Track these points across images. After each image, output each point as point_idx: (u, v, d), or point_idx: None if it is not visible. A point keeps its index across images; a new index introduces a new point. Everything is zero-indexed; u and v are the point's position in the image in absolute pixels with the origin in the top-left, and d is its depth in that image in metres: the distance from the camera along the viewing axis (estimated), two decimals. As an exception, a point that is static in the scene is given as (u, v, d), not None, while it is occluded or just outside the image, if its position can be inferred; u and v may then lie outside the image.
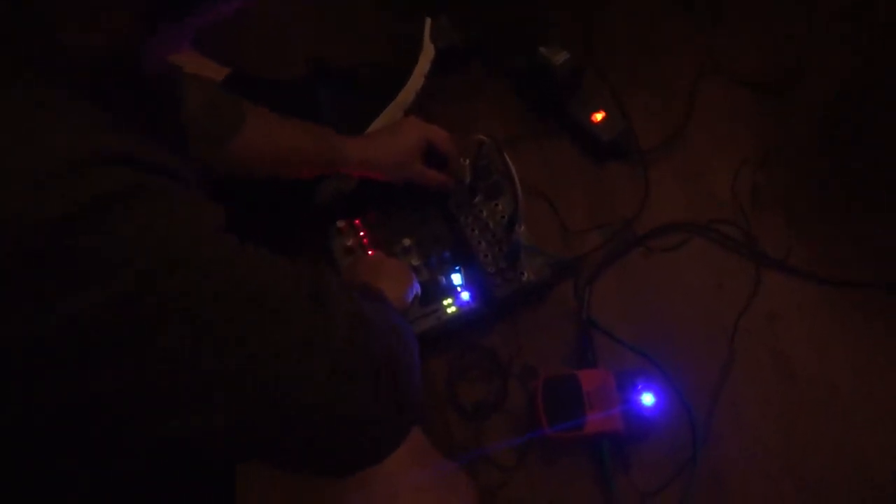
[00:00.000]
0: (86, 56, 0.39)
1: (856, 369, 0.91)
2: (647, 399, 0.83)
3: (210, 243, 0.40)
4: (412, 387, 0.53)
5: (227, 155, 0.79)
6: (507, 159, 0.80)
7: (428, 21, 1.02)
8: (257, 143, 0.81)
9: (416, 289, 0.82)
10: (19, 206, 0.32)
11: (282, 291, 0.44)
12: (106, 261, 0.34)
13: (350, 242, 0.93)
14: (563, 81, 1.04)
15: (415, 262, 0.92)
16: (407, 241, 0.93)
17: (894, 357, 0.91)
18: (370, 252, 0.93)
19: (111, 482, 0.52)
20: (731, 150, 1.07)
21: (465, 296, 0.91)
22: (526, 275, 0.90)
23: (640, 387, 0.84)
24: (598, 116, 1.05)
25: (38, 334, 0.34)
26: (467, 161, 0.95)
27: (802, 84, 1.13)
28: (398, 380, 0.50)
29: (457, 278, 0.92)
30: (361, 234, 0.95)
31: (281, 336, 0.42)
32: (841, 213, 1.02)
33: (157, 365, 0.37)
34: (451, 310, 0.90)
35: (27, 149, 0.33)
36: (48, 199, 0.33)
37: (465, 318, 0.90)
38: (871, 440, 0.86)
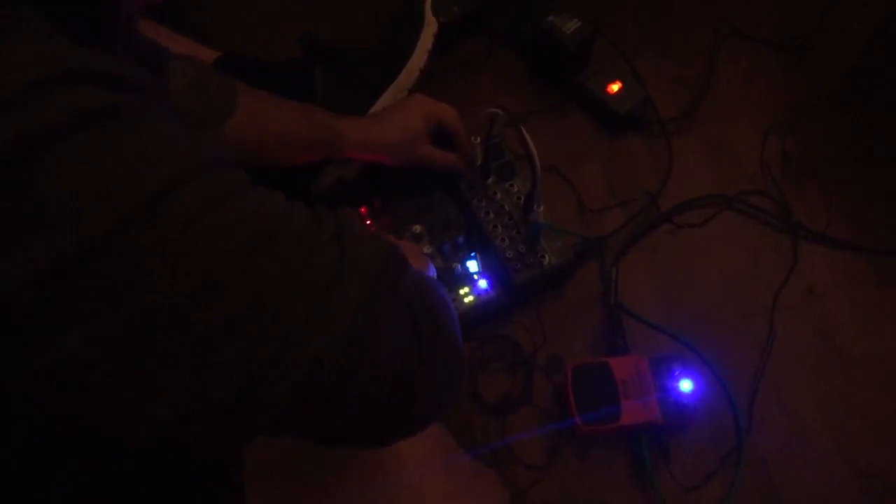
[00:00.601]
0: None
1: (907, 343, 0.84)
2: (686, 385, 0.77)
3: (209, 171, 0.34)
4: (456, 343, 0.45)
5: (220, 138, 0.73)
6: (524, 132, 0.74)
7: (429, -7, 0.96)
8: (251, 126, 0.75)
9: (433, 272, 0.76)
10: None
11: (301, 227, 0.37)
12: (70, 198, 0.28)
13: (356, 232, 0.87)
14: (574, 51, 0.97)
15: (427, 250, 0.86)
16: (417, 228, 0.87)
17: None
18: (379, 241, 0.87)
19: (106, 491, 0.45)
20: (757, 116, 1.00)
21: (483, 283, 0.85)
22: (547, 258, 0.84)
23: (677, 373, 0.77)
24: (614, 87, 0.98)
25: None
26: (478, 140, 0.89)
27: (827, 39, 1.06)
28: (440, 334, 0.43)
29: (473, 265, 0.86)
30: (367, 222, 0.89)
31: (301, 274, 0.35)
32: (880, 176, 0.95)
33: (140, 320, 0.30)
34: (468, 299, 0.84)
35: None
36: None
37: (483, 307, 0.84)
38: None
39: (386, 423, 0.42)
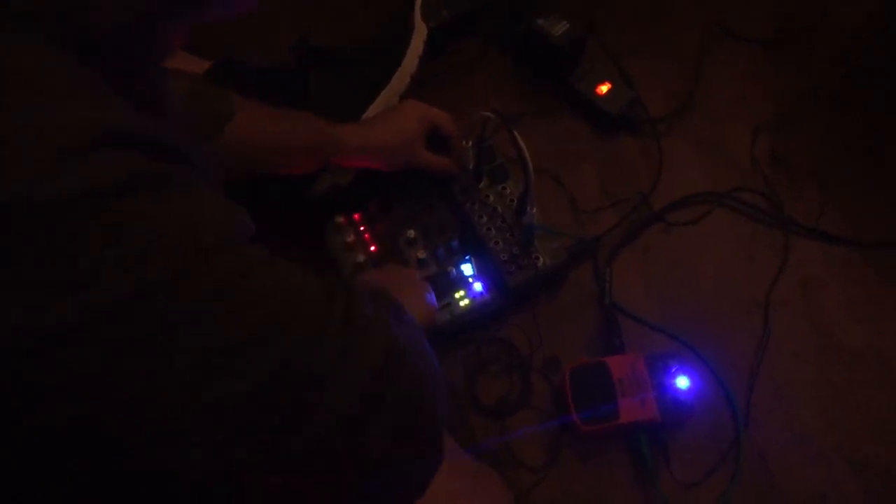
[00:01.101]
0: (108, 30, 0.34)
1: (902, 335, 0.85)
2: (683, 382, 0.78)
3: (234, 247, 0.35)
4: (439, 421, 0.47)
5: (216, 148, 0.73)
6: (516, 134, 0.74)
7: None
8: (248, 135, 0.75)
9: (434, 299, 0.77)
10: (12, 187, 0.27)
11: (313, 311, 0.38)
12: (104, 259, 0.29)
13: (350, 238, 0.87)
14: (563, 53, 0.98)
15: (421, 255, 0.86)
16: (411, 233, 0.87)
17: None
18: (372, 248, 0.87)
19: None
20: (747, 113, 1.01)
21: (478, 286, 0.85)
22: (541, 260, 0.84)
23: (673, 370, 0.78)
24: (604, 88, 0.99)
25: (20, 339, 0.28)
26: (470, 143, 0.89)
27: (816, 36, 1.07)
28: (427, 414, 0.44)
29: (467, 269, 0.86)
30: (362, 228, 0.89)
31: (308, 360, 0.36)
32: (869, 169, 0.96)
33: (154, 384, 0.31)
34: (463, 303, 0.84)
35: (26, 120, 0.28)
36: (44, 182, 0.27)
37: (479, 310, 0.84)
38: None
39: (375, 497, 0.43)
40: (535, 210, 0.83)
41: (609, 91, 0.99)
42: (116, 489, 0.35)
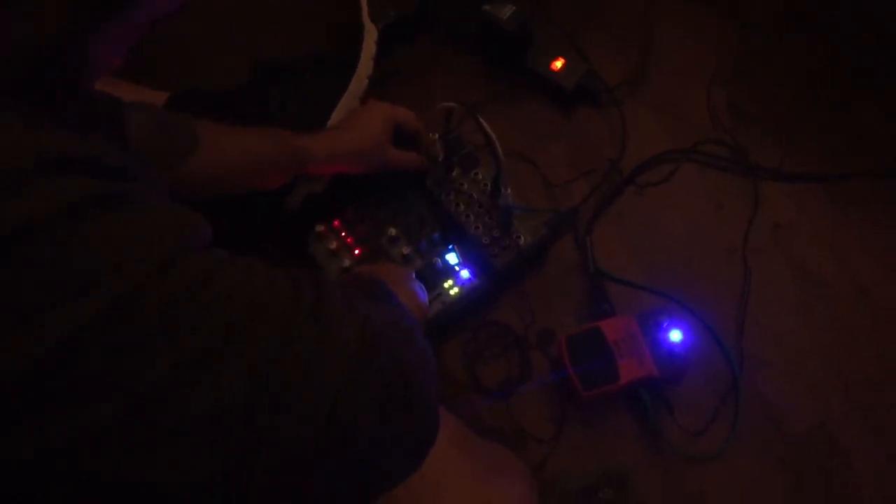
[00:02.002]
0: (19, 48, 0.34)
1: (874, 259, 0.88)
2: (675, 336, 0.80)
3: (195, 256, 0.35)
4: (427, 398, 0.47)
5: (185, 177, 0.74)
6: (481, 119, 0.76)
7: (363, 1, 0.97)
8: (216, 158, 0.76)
9: (424, 295, 0.78)
10: None
11: (281, 305, 0.39)
12: (67, 285, 0.29)
13: (333, 245, 0.88)
14: (514, 35, 1.00)
15: (405, 251, 0.87)
16: (392, 231, 0.88)
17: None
18: (357, 251, 0.88)
19: None
20: (700, 69, 1.03)
21: (465, 273, 0.86)
22: (523, 238, 0.86)
23: (665, 325, 0.80)
24: (558, 64, 1.01)
25: None
26: (437, 136, 0.91)
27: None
28: (412, 392, 0.45)
29: (452, 258, 0.87)
30: (343, 234, 0.90)
31: (283, 356, 0.37)
32: (821, 105, 0.99)
33: (130, 404, 0.32)
34: (453, 291, 0.86)
35: None
36: None
37: (469, 296, 0.86)
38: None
39: (363, 482, 0.44)
40: (509, 191, 0.85)
41: (564, 66, 1.01)
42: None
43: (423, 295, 0.79)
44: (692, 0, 1.09)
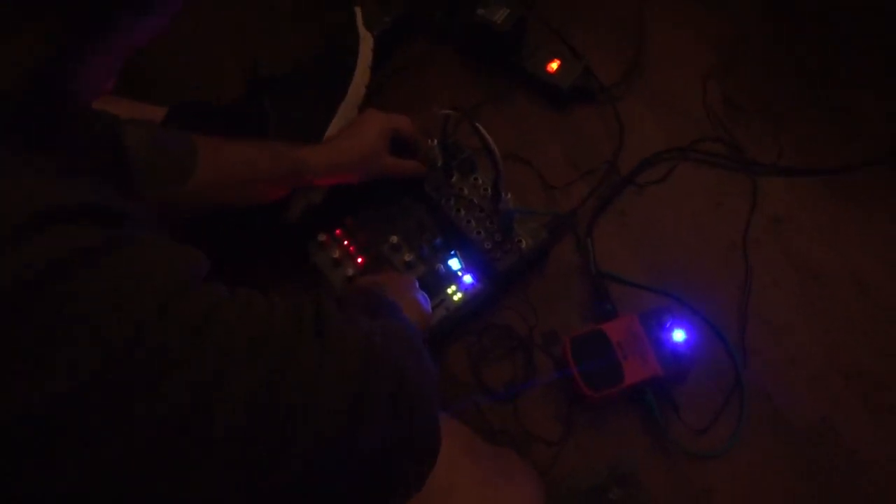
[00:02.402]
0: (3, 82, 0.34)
1: (873, 253, 0.88)
2: (679, 335, 0.80)
3: (193, 294, 0.36)
4: (430, 411, 0.48)
5: (185, 194, 0.74)
6: (478, 126, 0.76)
7: (357, 10, 0.97)
8: (215, 174, 0.76)
9: (426, 301, 0.78)
10: None
11: (284, 332, 0.40)
12: (69, 335, 0.30)
13: (336, 254, 0.89)
14: (508, 38, 1.00)
15: (407, 258, 0.87)
16: (394, 239, 0.89)
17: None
18: (359, 260, 0.89)
19: None
20: (694, 64, 1.04)
21: (468, 279, 0.87)
22: (524, 242, 0.86)
23: (668, 324, 0.81)
24: (554, 65, 1.01)
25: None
26: (435, 142, 0.91)
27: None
28: (415, 406, 0.46)
29: (455, 263, 0.88)
30: (346, 242, 0.90)
31: (287, 380, 0.38)
32: (813, 101, 0.99)
33: (138, 444, 0.33)
34: (456, 297, 0.86)
35: None
36: None
37: (472, 301, 0.86)
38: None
39: (378, 492, 0.45)
40: (509, 195, 0.85)
41: (559, 67, 1.01)
42: None
43: (426, 303, 0.79)
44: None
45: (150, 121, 0.84)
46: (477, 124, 0.76)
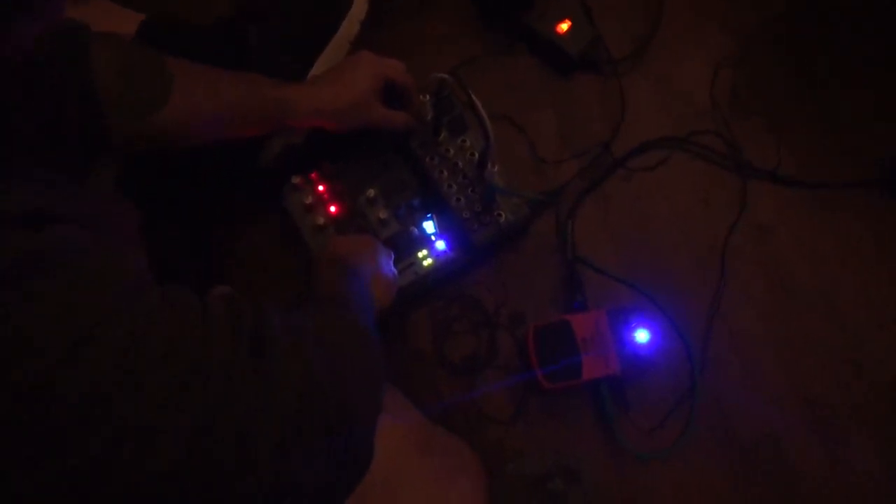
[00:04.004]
0: None
1: (850, 273, 0.88)
2: (642, 336, 0.80)
3: (123, 313, 0.34)
4: (366, 431, 0.47)
5: (155, 125, 0.68)
6: (474, 98, 0.71)
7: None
8: (190, 107, 0.70)
9: (391, 268, 0.76)
10: None
11: (219, 359, 0.37)
12: None
13: (309, 200, 0.85)
14: (520, -9, 0.94)
15: (382, 215, 0.84)
16: (371, 192, 0.85)
17: (888, 258, 0.88)
18: (332, 208, 0.85)
19: None
20: (707, 51, 0.98)
21: (441, 245, 0.84)
22: (504, 216, 0.84)
23: (633, 324, 0.80)
24: (564, 27, 0.95)
25: None
26: (427, 97, 0.86)
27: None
28: (352, 431, 0.45)
29: (430, 227, 0.85)
30: (320, 188, 0.86)
31: (223, 413, 0.36)
32: (819, 111, 0.95)
33: (62, 481, 0.31)
34: (427, 262, 0.84)
35: None
36: None
37: (443, 269, 0.84)
38: (871, 345, 0.85)
39: None
40: (496, 168, 0.81)
41: (569, 30, 0.95)
42: None
43: (391, 271, 0.77)
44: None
45: (122, 39, 0.78)
46: (473, 96, 0.71)
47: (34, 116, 0.57)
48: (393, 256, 0.78)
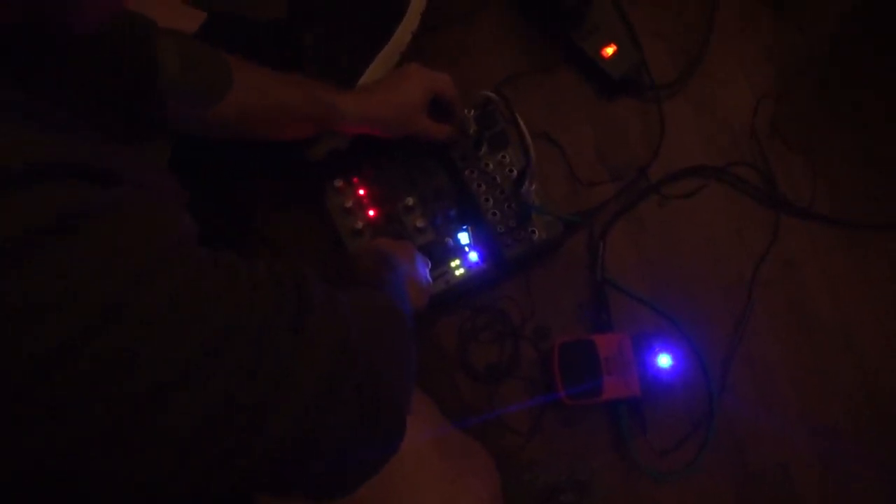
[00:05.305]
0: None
1: (874, 316, 0.89)
2: (664, 361, 0.82)
3: (174, 269, 0.35)
4: (398, 411, 0.49)
5: (210, 117, 0.72)
6: (519, 118, 0.74)
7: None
8: (245, 103, 0.74)
9: (425, 271, 0.78)
10: None
11: (262, 319, 0.39)
12: (32, 308, 0.29)
13: (349, 204, 0.88)
14: (572, 13, 0.95)
15: (419, 223, 0.87)
16: (410, 200, 0.87)
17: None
18: (371, 212, 0.88)
19: None
20: (751, 81, 0.99)
21: (474, 256, 0.87)
22: (537, 233, 0.86)
23: (656, 348, 0.82)
24: (609, 50, 0.96)
25: None
26: (471, 112, 0.88)
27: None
28: (382, 407, 0.46)
29: (464, 237, 0.87)
30: (361, 192, 0.89)
31: (258, 371, 0.37)
32: (860, 149, 0.96)
33: (95, 432, 0.32)
34: (459, 272, 0.86)
35: None
36: None
37: (474, 279, 0.87)
38: (888, 384, 0.86)
39: (335, 481, 0.46)
40: (534, 186, 0.83)
41: (615, 53, 0.96)
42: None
43: (426, 274, 0.79)
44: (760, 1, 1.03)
45: (186, 36, 0.81)
46: (517, 116, 0.73)
47: (102, 91, 0.60)
48: (429, 265, 0.81)
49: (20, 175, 0.29)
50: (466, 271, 0.86)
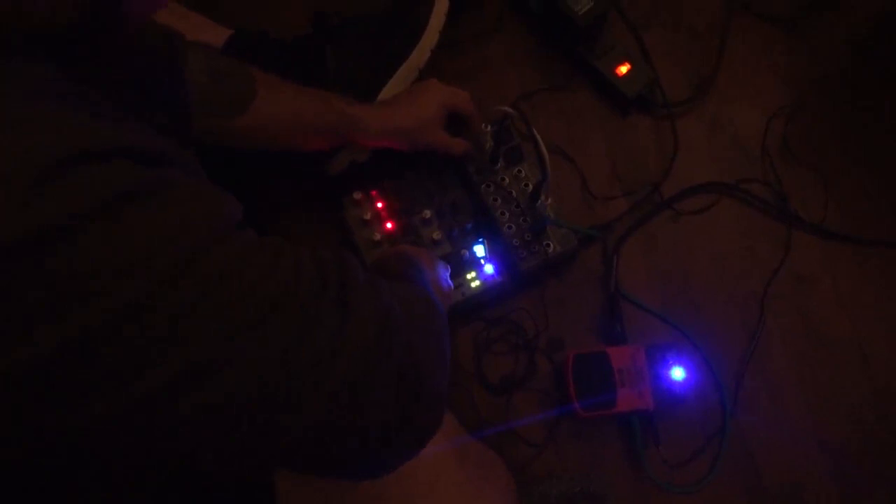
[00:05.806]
0: (51, 20, 0.33)
1: (886, 332, 0.90)
2: (678, 373, 0.83)
3: (223, 246, 0.36)
4: (436, 396, 0.49)
5: (236, 128, 0.74)
6: (536, 134, 0.75)
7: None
8: (269, 114, 0.76)
9: (446, 276, 0.80)
10: None
11: (307, 294, 0.40)
12: (93, 279, 0.30)
13: (368, 216, 0.89)
14: (586, 32, 0.97)
15: (436, 236, 0.88)
16: (427, 213, 0.89)
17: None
18: (389, 224, 0.90)
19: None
20: (763, 98, 1.01)
21: (489, 269, 0.88)
22: (552, 246, 0.87)
23: (669, 361, 0.83)
24: (623, 69, 0.99)
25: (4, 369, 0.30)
26: (488, 127, 0.90)
27: (833, 18, 1.05)
28: (421, 391, 0.46)
29: (480, 250, 0.89)
30: (379, 205, 0.91)
31: (303, 345, 0.38)
32: (873, 167, 0.97)
33: (139, 402, 0.33)
34: (474, 284, 0.88)
35: None
36: (13, 218, 0.28)
37: (489, 292, 0.88)
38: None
39: (373, 460, 0.47)
40: (549, 201, 0.85)
41: (628, 72, 0.98)
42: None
43: (447, 280, 0.81)
44: (770, 20, 1.05)
45: (213, 48, 0.84)
46: (535, 131, 0.75)
47: (136, 98, 0.63)
48: (449, 270, 0.82)
49: (82, 155, 0.31)
50: (482, 283, 0.88)
